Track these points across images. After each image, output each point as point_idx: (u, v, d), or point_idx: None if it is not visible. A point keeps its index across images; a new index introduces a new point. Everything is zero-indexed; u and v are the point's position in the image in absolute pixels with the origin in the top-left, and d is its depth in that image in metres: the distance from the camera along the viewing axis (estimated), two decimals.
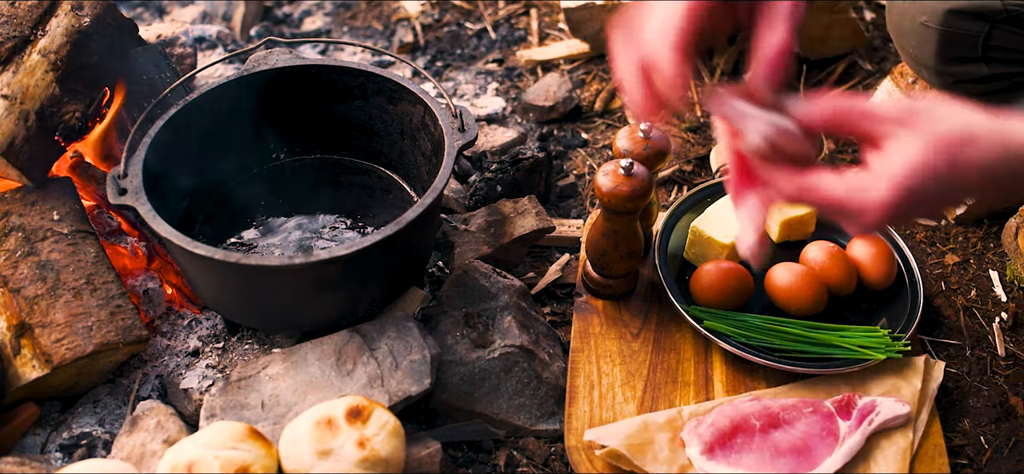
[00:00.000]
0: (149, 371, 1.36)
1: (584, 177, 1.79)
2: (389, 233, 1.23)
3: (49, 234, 1.33)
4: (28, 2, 1.36)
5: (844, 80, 2.01)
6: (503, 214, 1.56)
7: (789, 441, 1.25)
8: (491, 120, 1.92)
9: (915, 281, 1.45)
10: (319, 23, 2.25)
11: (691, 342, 1.41)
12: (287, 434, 1.17)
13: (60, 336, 1.24)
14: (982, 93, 1.50)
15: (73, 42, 1.37)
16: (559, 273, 1.56)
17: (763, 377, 1.36)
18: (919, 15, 1.46)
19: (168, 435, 1.22)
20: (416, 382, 1.26)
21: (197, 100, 1.45)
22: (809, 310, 1.40)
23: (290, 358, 1.29)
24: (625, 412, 1.32)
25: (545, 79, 1.97)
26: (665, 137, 1.40)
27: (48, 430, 1.28)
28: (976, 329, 1.50)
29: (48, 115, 1.34)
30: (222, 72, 1.88)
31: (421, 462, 1.22)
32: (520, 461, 1.31)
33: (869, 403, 1.28)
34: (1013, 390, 1.41)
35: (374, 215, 1.55)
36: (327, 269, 1.24)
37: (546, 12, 2.24)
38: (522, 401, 1.34)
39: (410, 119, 1.52)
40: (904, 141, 0.86)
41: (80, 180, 1.45)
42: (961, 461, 1.33)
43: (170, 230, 1.22)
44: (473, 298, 1.41)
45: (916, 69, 1.58)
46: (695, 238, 1.48)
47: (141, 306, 1.41)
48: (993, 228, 1.66)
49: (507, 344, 1.34)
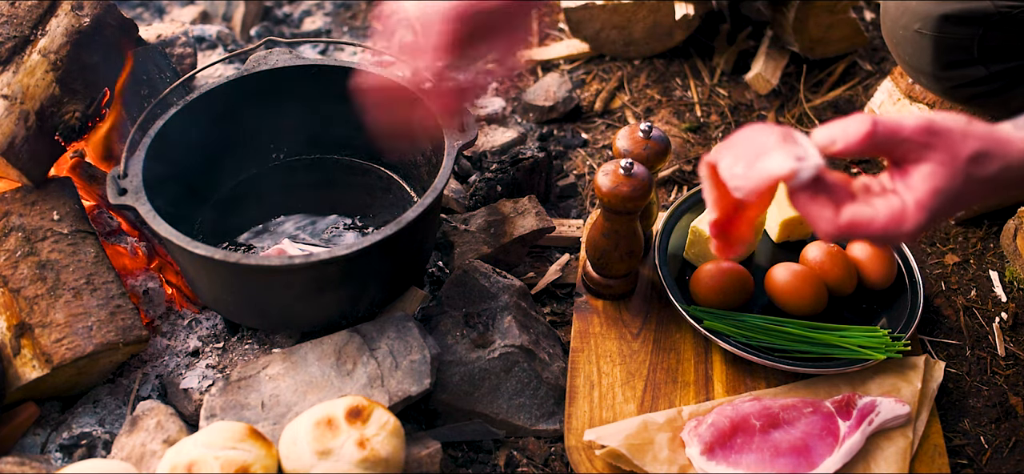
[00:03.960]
0: (149, 371, 1.36)
1: (584, 177, 1.79)
2: (389, 233, 1.23)
3: (49, 234, 1.33)
4: (28, 2, 1.36)
5: (844, 80, 2.01)
6: (503, 214, 1.56)
7: (789, 441, 1.25)
8: (491, 120, 1.92)
9: (915, 281, 1.45)
10: (319, 23, 2.25)
11: (691, 342, 1.41)
12: (287, 434, 1.17)
13: (60, 336, 1.24)
14: (982, 94, 1.50)
15: (73, 42, 1.37)
16: (559, 273, 1.56)
17: (763, 377, 1.36)
18: (913, 23, 1.46)
19: (168, 435, 1.22)
20: (416, 382, 1.26)
21: (197, 100, 1.45)
22: (809, 310, 1.40)
23: (290, 358, 1.29)
24: (625, 412, 1.32)
25: (545, 79, 1.97)
26: (665, 137, 1.40)
27: (48, 430, 1.28)
28: (976, 329, 1.50)
29: (48, 115, 1.34)
30: (222, 72, 1.88)
31: (421, 462, 1.22)
32: (520, 461, 1.31)
33: (869, 403, 1.28)
34: (1013, 390, 1.41)
35: (374, 215, 1.55)
36: (327, 269, 1.24)
37: (546, 12, 2.24)
38: (522, 401, 1.34)
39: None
40: (930, 167, 0.92)
41: (80, 180, 1.45)
42: (961, 461, 1.33)
43: (170, 230, 1.22)
44: (473, 298, 1.41)
45: (914, 76, 1.58)
46: (695, 238, 1.48)
47: (141, 306, 1.41)
48: (993, 228, 1.66)
49: (507, 344, 1.34)
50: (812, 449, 1.24)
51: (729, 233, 1.05)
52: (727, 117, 1.92)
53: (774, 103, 1.95)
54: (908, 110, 1.73)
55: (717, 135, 1.88)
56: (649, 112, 1.94)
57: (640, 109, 1.94)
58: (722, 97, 1.97)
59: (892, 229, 0.93)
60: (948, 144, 0.92)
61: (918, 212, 0.92)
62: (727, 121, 1.91)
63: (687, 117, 1.92)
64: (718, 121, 1.91)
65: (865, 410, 1.27)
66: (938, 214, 0.93)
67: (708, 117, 1.92)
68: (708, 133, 1.88)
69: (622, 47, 2.03)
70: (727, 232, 1.05)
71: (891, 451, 1.25)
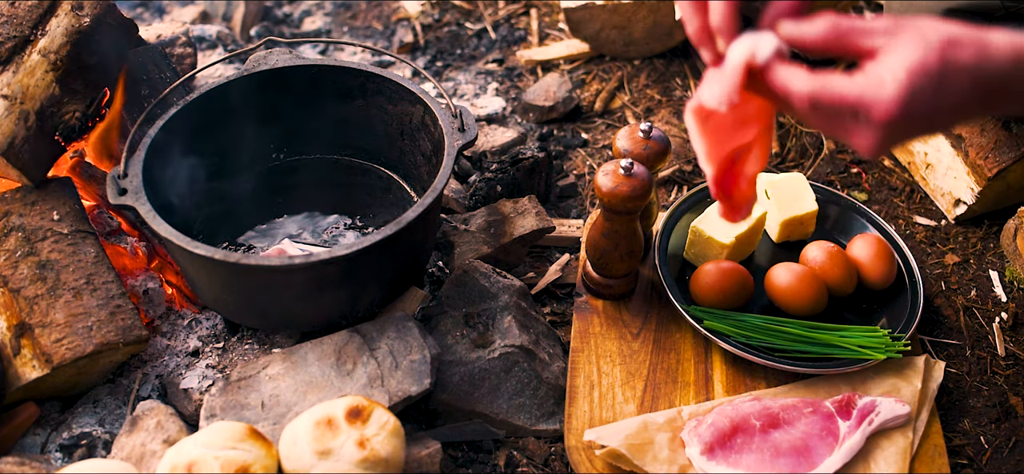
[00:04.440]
0: (149, 371, 1.36)
1: (584, 177, 1.79)
2: (389, 233, 1.23)
3: (49, 234, 1.33)
4: (28, 2, 1.36)
5: None
6: (503, 214, 1.56)
7: (789, 441, 1.25)
8: (491, 120, 1.92)
9: (915, 281, 1.45)
10: (319, 23, 2.25)
11: (691, 342, 1.41)
12: (287, 434, 1.17)
13: (60, 336, 1.24)
14: None
15: (73, 42, 1.37)
16: (559, 273, 1.56)
17: (763, 377, 1.36)
18: None
19: (168, 435, 1.22)
20: (416, 382, 1.26)
21: (197, 100, 1.45)
22: (809, 310, 1.40)
23: (290, 358, 1.29)
24: (625, 412, 1.32)
25: (545, 79, 1.97)
26: (665, 137, 1.40)
27: (48, 430, 1.28)
28: (976, 329, 1.50)
29: (48, 115, 1.34)
30: (222, 72, 1.88)
31: (421, 462, 1.22)
32: (520, 461, 1.31)
33: (869, 403, 1.28)
34: (1013, 390, 1.41)
35: (374, 215, 1.55)
36: (327, 269, 1.24)
37: (546, 12, 2.24)
38: (522, 401, 1.34)
39: (410, 119, 1.52)
40: (899, 46, 0.88)
41: (80, 180, 1.45)
42: (961, 461, 1.33)
43: (170, 230, 1.22)
44: (473, 298, 1.41)
45: None
46: (695, 238, 1.48)
47: (141, 306, 1.41)
48: (993, 228, 1.66)
49: (507, 344, 1.34)
50: (812, 449, 1.24)
51: (730, 193, 1.06)
52: None
53: None
54: None
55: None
56: (649, 112, 1.93)
57: (640, 109, 1.94)
58: None
59: (870, 94, 0.88)
60: (917, 27, 0.89)
61: (893, 83, 0.87)
62: None
63: None
64: None
65: (865, 410, 1.27)
66: (916, 95, 0.87)
67: None
68: None
69: (622, 47, 2.03)
70: (728, 192, 1.06)
71: (891, 451, 1.25)
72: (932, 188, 1.71)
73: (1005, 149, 1.57)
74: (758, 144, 1.05)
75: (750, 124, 1.02)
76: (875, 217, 1.54)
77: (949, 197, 1.67)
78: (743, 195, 1.07)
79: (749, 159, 1.05)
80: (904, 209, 1.72)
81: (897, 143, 0.93)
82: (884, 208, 1.72)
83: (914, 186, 1.75)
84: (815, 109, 0.92)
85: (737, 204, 1.07)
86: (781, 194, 1.52)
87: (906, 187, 1.75)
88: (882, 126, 0.89)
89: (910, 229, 1.68)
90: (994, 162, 1.58)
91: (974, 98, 0.89)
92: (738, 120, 1.02)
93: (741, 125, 1.02)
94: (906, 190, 1.75)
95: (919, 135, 0.94)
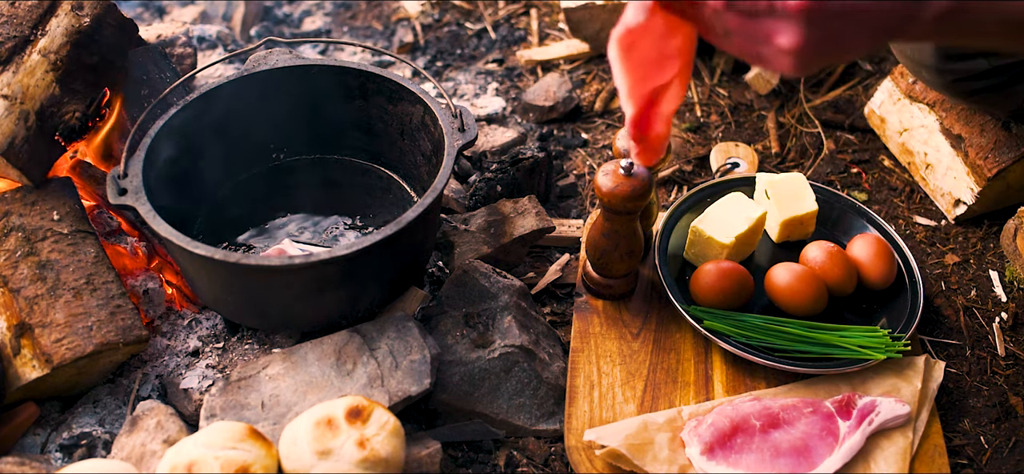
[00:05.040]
0: (149, 371, 1.36)
1: (584, 177, 1.79)
2: (389, 233, 1.23)
3: (49, 234, 1.33)
4: (28, 2, 1.36)
5: (844, 80, 2.01)
6: (503, 214, 1.56)
7: (789, 441, 1.25)
8: (491, 120, 1.92)
9: (915, 281, 1.45)
10: (319, 23, 2.25)
11: (691, 342, 1.41)
12: (287, 434, 1.17)
13: (60, 336, 1.24)
14: (984, 88, 1.50)
15: (73, 42, 1.37)
16: (559, 273, 1.56)
17: (763, 377, 1.36)
18: None
19: (168, 435, 1.22)
20: (416, 382, 1.26)
21: (197, 100, 1.45)
22: (809, 310, 1.40)
23: (290, 358, 1.29)
24: (625, 412, 1.32)
25: (545, 79, 1.97)
26: None
27: (48, 430, 1.28)
28: (976, 329, 1.50)
29: (48, 115, 1.34)
30: (222, 72, 1.88)
31: (421, 462, 1.22)
32: (520, 461, 1.31)
33: (869, 403, 1.28)
34: (1013, 390, 1.41)
35: (374, 215, 1.55)
36: (327, 269, 1.24)
37: (546, 12, 2.24)
38: (522, 401, 1.34)
39: (410, 119, 1.52)
40: None
41: (80, 180, 1.45)
42: (961, 461, 1.33)
43: (170, 230, 1.22)
44: (473, 298, 1.41)
45: (914, 71, 1.58)
46: (695, 238, 1.48)
47: (141, 306, 1.41)
48: (993, 228, 1.66)
49: (507, 344, 1.34)
50: (812, 449, 1.24)
51: (646, 134, 1.08)
52: (727, 117, 1.92)
53: (774, 103, 1.95)
54: (909, 111, 1.73)
55: (717, 135, 1.88)
56: None
57: None
58: (722, 97, 1.97)
59: None
60: None
61: None
62: (727, 121, 1.91)
63: (687, 117, 1.92)
64: (718, 121, 1.91)
65: (865, 410, 1.27)
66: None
67: (708, 117, 1.92)
68: (708, 133, 1.88)
69: None
70: (644, 133, 1.08)
71: (891, 451, 1.25)
72: (932, 188, 1.71)
73: (1005, 149, 1.58)
74: (677, 81, 1.06)
75: (672, 59, 1.03)
76: (875, 217, 1.54)
77: (949, 197, 1.67)
78: (658, 136, 1.09)
79: (666, 96, 1.07)
80: (904, 209, 1.72)
81: (824, 51, 0.85)
82: (884, 208, 1.72)
83: (914, 186, 1.75)
84: (730, 6, 0.86)
85: (652, 145, 1.10)
86: (781, 194, 1.52)
87: (906, 187, 1.75)
88: (802, 14, 0.83)
89: (910, 229, 1.68)
90: (994, 162, 1.58)
91: None
92: (661, 55, 1.02)
93: (664, 60, 1.03)
94: (906, 190, 1.75)
95: (849, 43, 0.87)
